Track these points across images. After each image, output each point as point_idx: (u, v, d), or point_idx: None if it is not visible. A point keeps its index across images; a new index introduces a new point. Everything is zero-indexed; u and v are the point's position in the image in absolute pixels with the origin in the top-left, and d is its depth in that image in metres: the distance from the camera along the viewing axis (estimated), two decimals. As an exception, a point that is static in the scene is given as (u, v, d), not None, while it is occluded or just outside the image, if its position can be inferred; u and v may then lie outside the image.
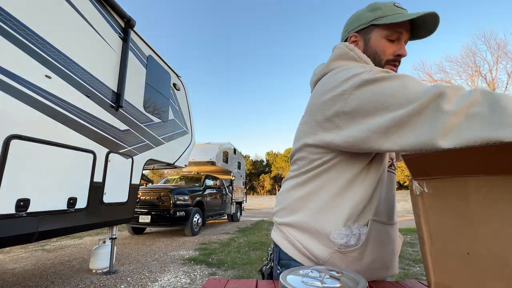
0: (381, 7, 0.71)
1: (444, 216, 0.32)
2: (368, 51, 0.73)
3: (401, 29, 0.69)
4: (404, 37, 0.71)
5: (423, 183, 0.34)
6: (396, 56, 0.71)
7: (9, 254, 4.15)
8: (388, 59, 0.71)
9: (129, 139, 3.21)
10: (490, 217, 0.30)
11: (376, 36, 0.72)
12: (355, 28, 0.75)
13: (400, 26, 0.69)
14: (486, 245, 0.30)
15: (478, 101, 0.41)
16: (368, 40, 0.73)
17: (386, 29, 0.70)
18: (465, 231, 0.31)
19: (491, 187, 0.30)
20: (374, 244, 0.64)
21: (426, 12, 0.63)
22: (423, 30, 0.70)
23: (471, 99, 0.42)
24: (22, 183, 1.93)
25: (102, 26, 2.79)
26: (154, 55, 3.93)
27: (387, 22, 0.68)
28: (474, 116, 0.40)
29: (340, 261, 0.66)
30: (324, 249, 0.65)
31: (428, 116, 0.44)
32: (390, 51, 0.71)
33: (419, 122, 0.46)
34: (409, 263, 3.62)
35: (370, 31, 0.72)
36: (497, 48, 17.68)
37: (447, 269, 0.32)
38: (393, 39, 0.70)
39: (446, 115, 0.42)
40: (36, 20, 2.07)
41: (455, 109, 0.42)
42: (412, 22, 0.68)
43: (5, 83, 1.81)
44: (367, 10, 0.74)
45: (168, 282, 2.99)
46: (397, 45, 0.71)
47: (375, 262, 0.66)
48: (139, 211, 5.59)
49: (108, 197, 2.84)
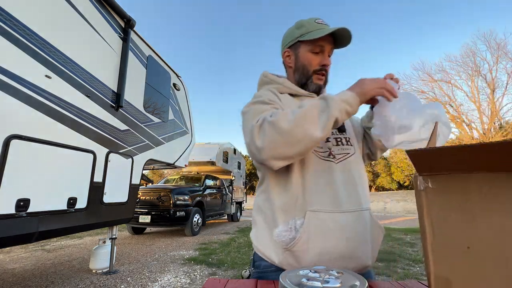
0: (304, 24, 0.82)
1: (446, 211, 0.33)
2: (298, 64, 0.85)
3: (323, 43, 0.80)
4: (327, 49, 0.81)
5: (427, 178, 0.35)
6: (322, 66, 0.82)
7: (9, 254, 4.14)
8: (314, 69, 0.82)
9: (129, 139, 3.21)
10: (491, 212, 0.30)
11: (303, 50, 0.83)
12: (287, 44, 0.87)
13: (321, 40, 0.79)
14: (486, 239, 0.30)
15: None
16: (297, 55, 0.85)
17: (309, 44, 0.81)
18: (466, 226, 0.32)
19: (493, 184, 0.30)
20: (317, 234, 0.68)
21: (336, 28, 0.76)
22: (343, 41, 0.81)
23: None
24: (22, 183, 1.93)
25: (102, 26, 2.79)
26: (154, 55, 3.93)
27: (309, 38, 0.79)
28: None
29: (292, 259, 0.69)
30: (277, 252, 0.71)
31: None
32: (315, 62, 0.82)
33: None
34: (409, 263, 3.62)
35: (298, 47, 0.84)
36: (497, 48, 17.70)
37: (447, 262, 0.33)
38: (317, 51, 0.81)
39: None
40: (36, 20, 2.07)
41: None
42: (334, 34, 0.79)
43: (5, 83, 1.81)
44: (295, 28, 0.85)
45: (168, 282, 2.99)
46: (321, 56, 0.82)
47: (328, 253, 0.68)
48: (139, 211, 5.59)
49: (108, 197, 2.84)
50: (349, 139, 0.83)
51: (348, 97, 0.65)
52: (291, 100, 0.83)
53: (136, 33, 3.43)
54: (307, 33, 0.79)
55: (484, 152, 0.30)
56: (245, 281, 0.72)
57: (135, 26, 3.27)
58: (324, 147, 0.78)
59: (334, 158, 0.77)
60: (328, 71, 0.85)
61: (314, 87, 0.84)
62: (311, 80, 0.83)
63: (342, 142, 0.81)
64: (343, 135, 0.83)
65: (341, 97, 0.64)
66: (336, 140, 0.81)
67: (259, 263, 0.77)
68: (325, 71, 0.84)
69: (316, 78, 0.83)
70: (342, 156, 0.79)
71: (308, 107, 0.63)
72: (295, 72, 0.86)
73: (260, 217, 0.79)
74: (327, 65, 0.83)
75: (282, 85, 0.85)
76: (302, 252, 0.68)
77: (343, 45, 0.83)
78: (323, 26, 0.79)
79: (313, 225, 0.68)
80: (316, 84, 0.84)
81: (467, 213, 0.32)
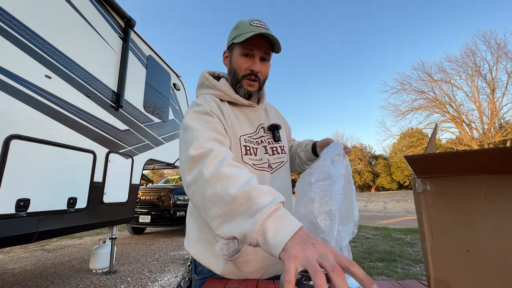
0: (239, 25, 0.77)
1: (445, 213, 0.33)
2: (231, 67, 0.81)
3: (252, 46, 0.75)
4: (257, 54, 0.76)
5: (425, 181, 0.35)
6: (250, 71, 0.77)
7: (9, 254, 4.14)
8: (243, 74, 0.78)
9: (129, 139, 3.20)
10: (490, 214, 0.30)
11: (235, 53, 0.79)
12: (227, 45, 0.83)
13: (250, 44, 0.75)
14: (486, 242, 0.30)
15: None
16: (231, 57, 0.81)
17: (240, 46, 0.76)
18: (466, 229, 0.31)
19: (492, 186, 0.30)
20: None
21: (255, 32, 0.71)
22: (275, 46, 0.77)
23: None
24: (22, 183, 1.93)
25: (102, 26, 2.79)
26: (154, 55, 3.93)
27: (238, 41, 0.74)
28: None
29: (235, 268, 0.70)
30: (218, 262, 0.71)
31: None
32: (244, 66, 0.77)
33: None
34: (409, 263, 3.62)
35: (233, 49, 0.80)
36: (497, 48, 17.70)
37: (447, 266, 0.33)
38: (247, 55, 0.77)
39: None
40: (36, 20, 2.07)
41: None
42: (267, 38, 0.74)
43: (5, 83, 1.80)
44: (233, 28, 0.81)
45: (168, 282, 2.99)
46: (251, 61, 0.77)
47: (271, 259, 0.69)
48: (139, 211, 5.59)
49: (108, 197, 2.84)
50: (283, 147, 0.86)
51: (271, 239, 0.42)
52: (231, 111, 0.80)
53: (136, 33, 3.42)
54: (239, 35, 0.75)
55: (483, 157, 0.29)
56: (245, 281, 0.71)
57: (135, 26, 3.27)
58: (263, 158, 0.80)
59: (271, 168, 0.80)
60: (262, 77, 0.81)
61: (244, 92, 0.80)
62: (240, 84, 0.80)
63: (277, 151, 0.84)
64: (278, 144, 0.85)
65: (267, 232, 0.43)
66: (272, 150, 0.83)
67: (201, 268, 0.76)
68: (255, 76, 0.78)
69: (246, 84, 0.80)
70: (278, 165, 0.82)
71: (242, 195, 0.49)
72: (229, 74, 0.83)
73: (195, 226, 0.77)
74: (255, 71, 0.77)
75: (223, 93, 0.80)
76: (247, 261, 0.68)
77: (275, 50, 0.79)
78: (255, 29, 0.73)
79: None
80: (245, 90, 0.80)
81: (467, 216, 0.31)
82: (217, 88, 0.81)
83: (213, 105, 0.76)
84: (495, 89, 18.35)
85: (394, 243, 4.94)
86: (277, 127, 0.86)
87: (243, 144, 0.76)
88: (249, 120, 0.83)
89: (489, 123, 18.82)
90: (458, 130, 20.41)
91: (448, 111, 20.41)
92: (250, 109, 0.84)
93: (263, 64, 0.79)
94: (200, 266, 0.77)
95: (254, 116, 0.85)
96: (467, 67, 19.22)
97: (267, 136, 0.85)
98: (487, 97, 18.94)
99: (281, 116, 1.02)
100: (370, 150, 43.29)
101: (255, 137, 0.82)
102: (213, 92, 0.81)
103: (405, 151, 26.40)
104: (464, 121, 19.89)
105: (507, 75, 17.55)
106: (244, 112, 0.83)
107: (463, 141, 19.39)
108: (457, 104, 20.12)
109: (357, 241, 5.24)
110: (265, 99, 0.92)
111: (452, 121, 20.45)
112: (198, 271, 0.78)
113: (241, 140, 0.77)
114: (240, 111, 0.82)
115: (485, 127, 18.96)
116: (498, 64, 17.95)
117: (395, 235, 5.89)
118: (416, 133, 23.80)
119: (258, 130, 0.84)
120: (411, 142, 24.29)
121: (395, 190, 34.92)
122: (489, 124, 18.84)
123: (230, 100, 0.82)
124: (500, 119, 19.42)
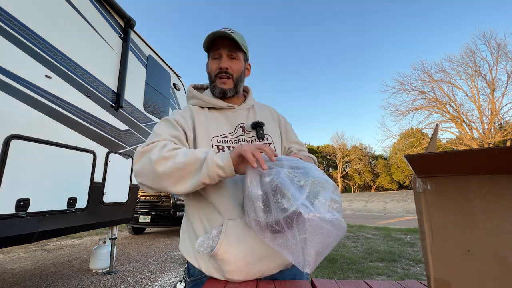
0: (209, 34, 0.84)
1: (445, 213, 0.33)
2: (208, 73, 0.91)
3: (217, 49, 0.85)
4: (224, 53, 0.85)
5: (426, 181, 0.34)
6: (220, 68, 0.85)
7: (9, 254, 4.14)
8: (215, 74, 0.87)
9: (129, 139, 3.20)
10: (491, 214, 0.30)
11: (208, 60, 0.90)
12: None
13: (215, 47, 0.85)
14: (486, 242, 0.30)
15: None
16: (207, 64, 0.91)
17: (210, 53, 0.88)
18: (466, 228, 0.31)
19: (492, 185, 0.30)
20: (235, 240, 0.70)
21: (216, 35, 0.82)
22: (238, 43, 0.84)
23: None
24: (22, 183, 1.93)
25: (102, 26, 2.79)
26: (154, 55, 3.92)
27: (205, 48, 0.88)
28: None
29: (218, 265, 0.71)
30: (204, 259, 0.73)
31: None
32: (214, 67, 0.87)
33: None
34: (409, 263, 3.62)
35: (208, 57, 0.90)
36: (497, 48, 17.70)
37: (447, 265, 0.33)
38: (216, 57, 0.86)
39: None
40: (36, 20, 2.07)
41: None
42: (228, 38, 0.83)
43: (5, 83, 1.80)
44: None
45: (168, 282, 2.99)
46: (219, 61, 0.86)
47: (251, 256, 0.70)
48: (139, 211, 5.59)
49: (108, 197, 2.84)
50: (269, 144, 0.87)
51: (224, 164, 0.65)
52: (209, 116, 0.87)
53: (136, 33, 3.42)
54: (204, 43, 0.86)
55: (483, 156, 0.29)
56: (245, 282, 0.72)
57: (135, 26, 3.27)
58: None
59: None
60: (234, 73, 0.87)
61: (218, 91, 0.87)
62: (214, 84, 0.88)
63: None
64: (263, 141, 0.86)
65: (217, 162, 0.65)
66: None
67: (193, 271, 0.79)
68: (226, 73, 0.85)
69: (219, 82, 0.86)
70: None
71: (188, 161, 0.66)
72: (209, 81, 0.92)
73: (187, 227, 0.82)
74: (223, 68, 0.84)
75: (202, 100, 0.89)
76: (227, 260, 0.69)
77: (241, 47, 0.85)
78: (215, 33, 0.83)
79: (232, 232, 0.70)
80: (219, 88, 0.87)
81: (467, 215, 0.31)
82: (197, 97, 0.90)
83: (185, 114, 0.85)
84: (495, 89, 18.35)
85: (394, 243, 4.94)
86: (260, 125, 0.88)
87: (215, 144, 0.81)
88: (228, 121, 0.88)
89: (489, 123, 18.83)
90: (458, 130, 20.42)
91: (448, 111, 20.42)
92: (231, 110, 0.90)
93: (232, 61, 0.86)
94: (192, 268, 0.79)
95: (233, 117, 0.89)
96: (467, 67, 19.23)
97: (249, 135, 0.87)
98: (487, 97, 18.94)
99: (278, 115, 1.02)
100: (370, 150, 43.31)
101: (233, 136, 0.85)
102: (195, 101, 0.90)
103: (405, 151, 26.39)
104: (464, 121, 19.90)
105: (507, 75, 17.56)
106: (224, 115, 0.89)
107: (463, 141, 19.39)
108: (457, 104, 20.13)
109: (357, 241, 5.24)
110: (250, 99, 0.95)
111: (452, 121, 20.46)
112: (190, 274, 0.80)
113: (213, 141, 0.81)
114: (221, 114, 0.89)
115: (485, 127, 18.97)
116: (498, 64, 17.97)
117: (395, 235, 5.89)
118: (416, 133, 23.81)
119: (237, 129, 0.87)
120: (411, 142, 24.29)
121: (395, 190, 34.91)
122: (489, 124, 18.84)
123: (210, 106, 0.89)
124: (500, 119, 19.43)
